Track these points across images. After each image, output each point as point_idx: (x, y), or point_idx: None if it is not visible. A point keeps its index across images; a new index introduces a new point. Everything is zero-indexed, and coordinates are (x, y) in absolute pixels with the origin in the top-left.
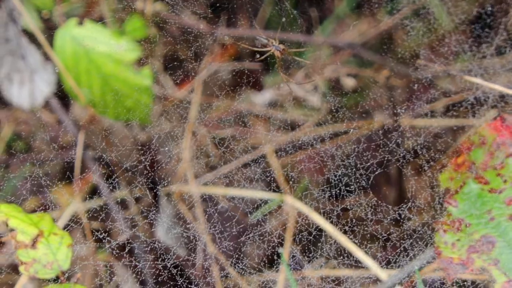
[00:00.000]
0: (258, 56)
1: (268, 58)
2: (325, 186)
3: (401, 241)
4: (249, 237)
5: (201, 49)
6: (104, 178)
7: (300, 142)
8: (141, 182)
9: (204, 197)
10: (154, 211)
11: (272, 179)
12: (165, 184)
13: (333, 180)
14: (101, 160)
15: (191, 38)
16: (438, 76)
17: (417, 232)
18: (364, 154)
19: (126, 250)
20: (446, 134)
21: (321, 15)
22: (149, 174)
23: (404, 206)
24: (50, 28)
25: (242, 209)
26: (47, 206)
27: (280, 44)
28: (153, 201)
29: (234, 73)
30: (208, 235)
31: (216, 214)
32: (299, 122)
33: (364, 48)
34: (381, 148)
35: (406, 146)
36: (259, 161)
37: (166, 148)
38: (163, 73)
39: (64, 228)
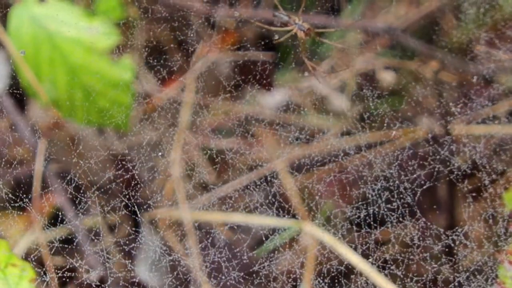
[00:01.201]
0: (276, 37)
1: (280, 48)
2: (360, 203)
3: (455, 274)
4: (263, 267)
5: (196, 35)
6: (71, 200)
7: (328, 147)
8: (118, 205)
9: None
10: (135, 242)
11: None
12: (149, 208)
13: (370, 195)
14: (67, 176)
15: (183, 20)
16: (503, 67)
17: (475, 263)
18: (409, 163)
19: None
20: None
21: None
22: (129, 194)
23: (459, 230)
24: (2, 5)
25: (254, 231)
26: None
27: (304, 23)
28: (134, 229)
29: (237, 66)
30: (212, 263)
31: (221, 237)
32: (321, 129)
33: (406, 34)
34: (430, 156)
35: (462, 155)
36: (271, 176)
37: (154, 157)
38: (147, 65)
39: None
